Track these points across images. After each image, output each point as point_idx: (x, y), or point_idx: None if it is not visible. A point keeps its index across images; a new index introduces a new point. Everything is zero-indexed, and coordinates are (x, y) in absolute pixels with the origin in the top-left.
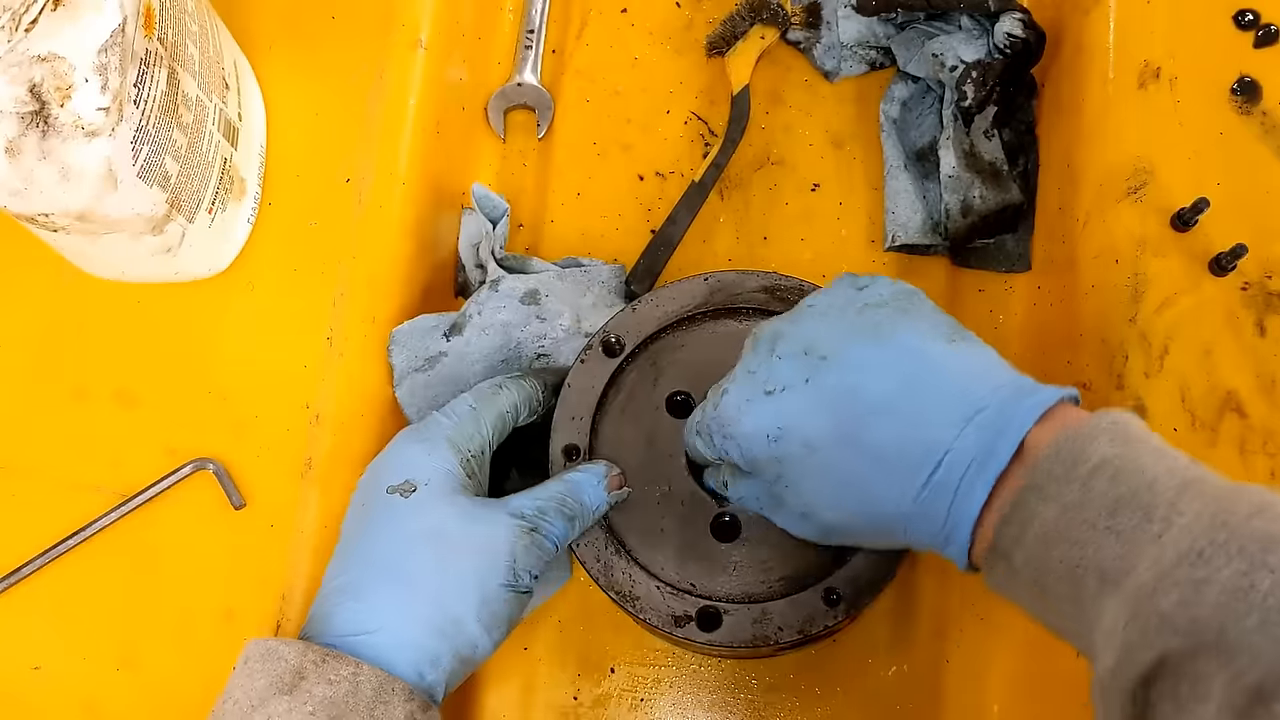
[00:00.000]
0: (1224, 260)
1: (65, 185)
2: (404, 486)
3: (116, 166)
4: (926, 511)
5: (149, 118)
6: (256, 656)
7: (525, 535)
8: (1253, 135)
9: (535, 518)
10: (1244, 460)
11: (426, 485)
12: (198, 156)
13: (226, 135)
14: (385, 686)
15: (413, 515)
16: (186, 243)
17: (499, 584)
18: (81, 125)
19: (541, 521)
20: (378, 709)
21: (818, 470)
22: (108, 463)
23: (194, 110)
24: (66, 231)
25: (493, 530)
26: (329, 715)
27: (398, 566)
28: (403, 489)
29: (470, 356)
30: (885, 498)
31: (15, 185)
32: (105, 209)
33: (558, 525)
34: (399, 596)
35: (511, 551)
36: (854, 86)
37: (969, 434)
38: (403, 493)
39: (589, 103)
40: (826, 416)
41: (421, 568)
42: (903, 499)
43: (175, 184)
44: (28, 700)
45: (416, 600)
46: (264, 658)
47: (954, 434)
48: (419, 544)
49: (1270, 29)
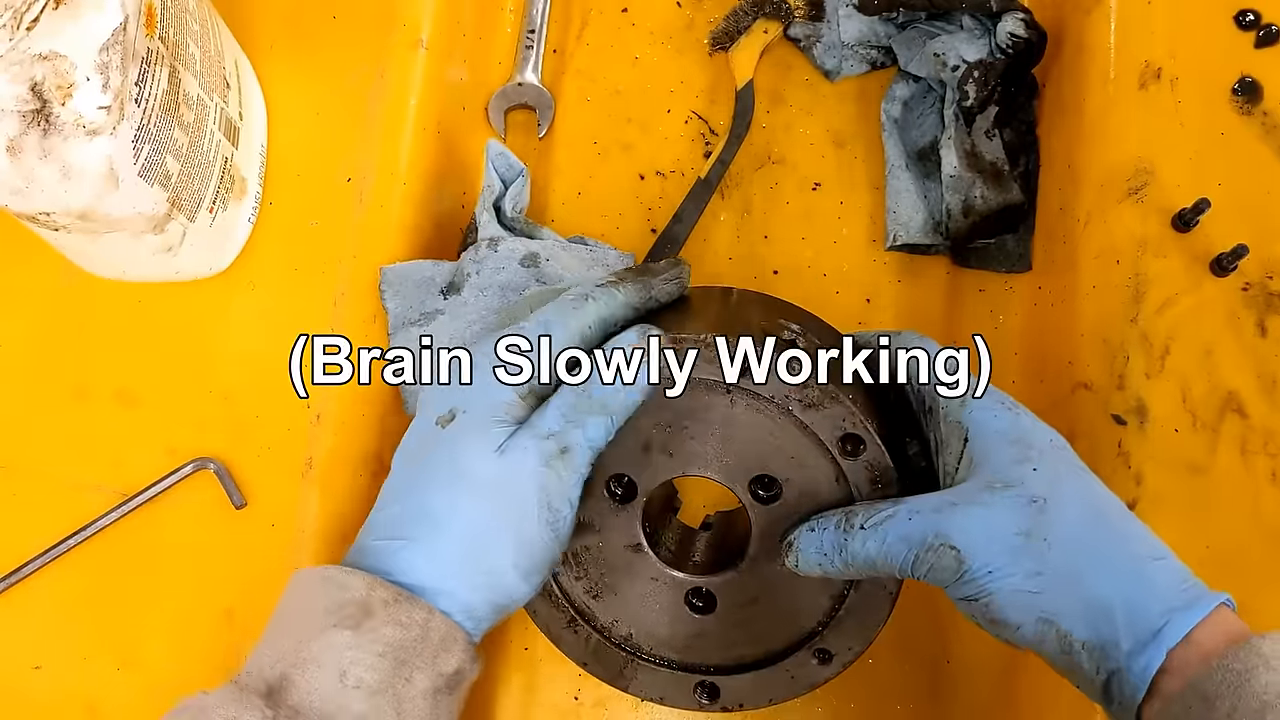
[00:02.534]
0: (1225, 261)
1: (66, 184)
2: (444, 416)
3: (118, 165)
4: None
5: (150, 116)
6: (314, 581)
7: (557, 460)
8: (1253, 135)
9: (564, 432)
10: (1245, 461)
11: (465, 414)
12: (199, 155)
13: (227, 134)
14: (450, 635)
15: (447, 451)
16: (187, 242)
17: (536, 527)
18: (83, 124)
19: (571, 433)
20: (440, 657)
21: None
22: (108, 462)
23: (195, 109)
24: (67, 230)
25: (519, 465)
26: (396, 659)
27: (431, 509)
28: (442, 418)
29: (467, 317)
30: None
31: (16, 184)
32: (106, 208)
33: (592, 429)
34: (434, 543)
35: (543, 487)
36: (855, 86)
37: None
38: (442, 422)
39: (589, 102)
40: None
41: (453, 513)
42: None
43: (176, 183)
44: (29, 700)
45: (450, 549)
46: (325, 583)
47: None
48: (451, 485)
49: (1271, 29)
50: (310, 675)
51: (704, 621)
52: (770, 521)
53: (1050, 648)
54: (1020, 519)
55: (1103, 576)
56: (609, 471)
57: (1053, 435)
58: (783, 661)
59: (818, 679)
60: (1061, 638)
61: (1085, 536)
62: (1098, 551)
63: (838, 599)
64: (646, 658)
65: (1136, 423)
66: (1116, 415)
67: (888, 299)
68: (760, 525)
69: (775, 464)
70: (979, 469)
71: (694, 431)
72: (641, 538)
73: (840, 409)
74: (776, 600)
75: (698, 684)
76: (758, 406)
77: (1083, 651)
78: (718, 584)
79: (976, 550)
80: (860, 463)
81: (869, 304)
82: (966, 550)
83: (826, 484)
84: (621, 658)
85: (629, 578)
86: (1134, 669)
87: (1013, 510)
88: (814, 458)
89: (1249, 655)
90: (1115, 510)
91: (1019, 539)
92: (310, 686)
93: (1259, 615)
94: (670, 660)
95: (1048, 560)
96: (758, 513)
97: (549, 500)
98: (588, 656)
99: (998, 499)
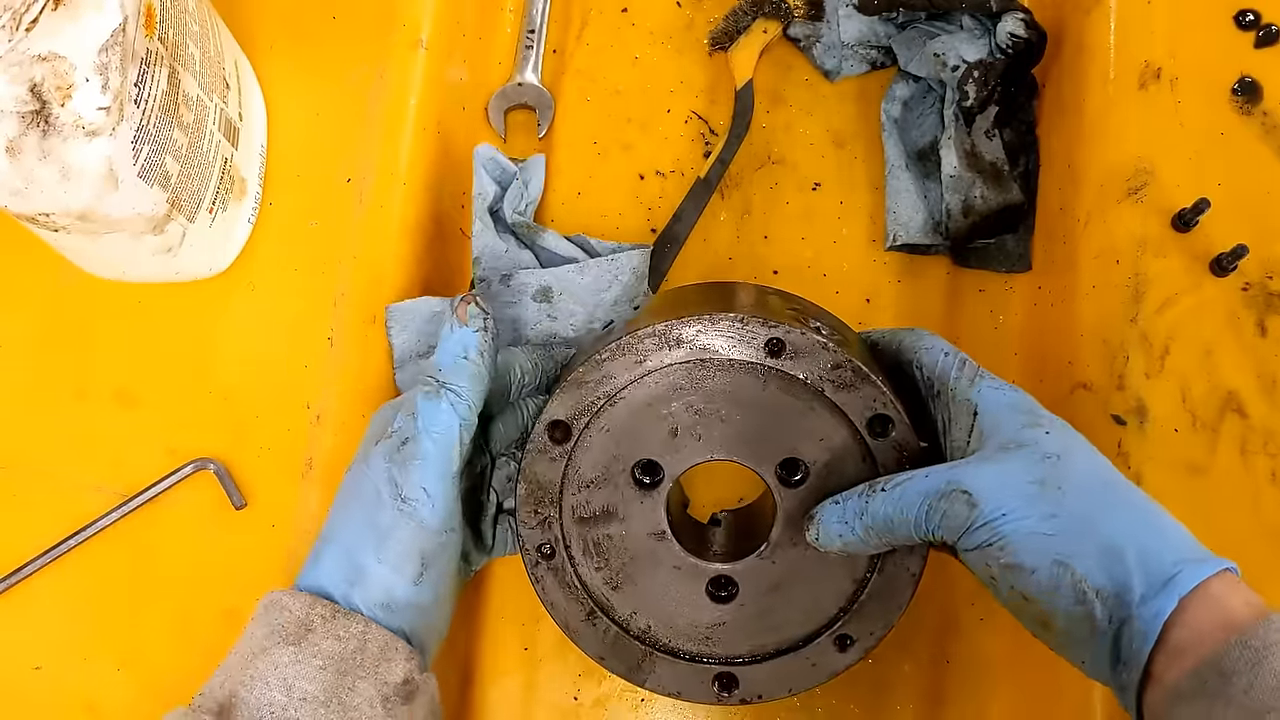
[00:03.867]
0: (1225, 261)
1: (66, 185)
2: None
3: (117, 166)
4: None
5: (149, 117)
6: (259, 608)
7: (397, 451)
8: (1253, 135)
9: (403, 426)
10: (1245, 461)
11: (370, 442)
12: (198, 156)
13: (227, 135)
14: (390, 645)
15: (348, 474)
16: (187, 242)
17: (391, 515)
18: (82, 125)
19: (407, 424)
20: (382, 666)
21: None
22: (108, 463)
23: (195, 110)
24: (67, 231)
25: (371, 466)
26: (337, 670)
27: (326, 528)
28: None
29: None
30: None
31: (16, 185)
32: (106, 208)
33: (434, 415)
34: (323, 553)
35: (391, 479)
36: (855, 86)
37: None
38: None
39: (590, 102)
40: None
41: (331, 524)
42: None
43: (176, 184)
44: (29, 700)
45: (331, 555)
46: (268, 608)
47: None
48: (339, 498)
49: (1271, 29)
50: (257, 691)
51: (725, 611)
52: (795, 505)
53: (1065, 595)
54: (1035, 470)
55: (1118, 523)
56: (635, 458)
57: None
58: (803, 649)
59: (838, 666)
60: (1076, 583)
61: (1098, 489)
62: (1111, 502)
63: (860, 583)
64: (665, 650)
65: (1136, 423)
66: (1116, 415)
67: (888, 299)
68: (786, 509)
69: (804, 447)
70: (989, 439)
71: (725, 414)
72: (665, 525)
73: (872, 389)
74: (799, 586)
75: (716, 676)
76: (789, 388)
77: (1096, 600)
78: (740, 570)
79: (990, 495)
80: (889, 442)
81: (869, 304)
82: (980, 495)
83: (854, 464)
84: (640, 650)
85: (650, 566)
86: (1145, 616)
87: (1027, 462)
88: (842, 438)
89: (1268, 632)
90: (1124, 479)
91: (1034, 486)
92: (258, 702)
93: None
94: (689, 652)
95: (1063, 505)
96: (783, 496)
97: (400, 491)
98: (605, 650)
99: (1011, 455)
